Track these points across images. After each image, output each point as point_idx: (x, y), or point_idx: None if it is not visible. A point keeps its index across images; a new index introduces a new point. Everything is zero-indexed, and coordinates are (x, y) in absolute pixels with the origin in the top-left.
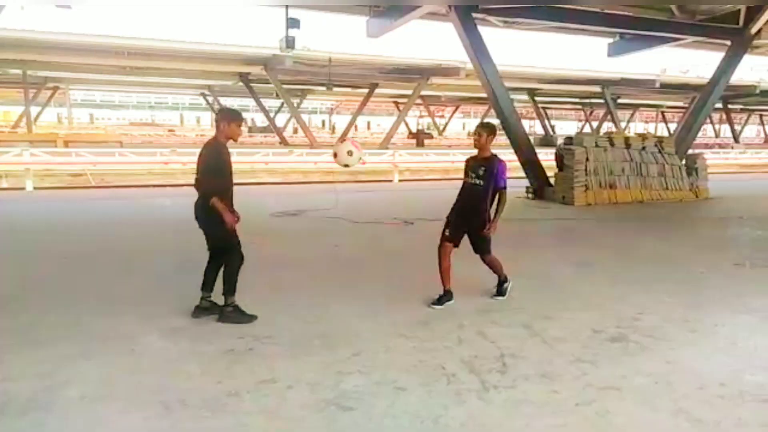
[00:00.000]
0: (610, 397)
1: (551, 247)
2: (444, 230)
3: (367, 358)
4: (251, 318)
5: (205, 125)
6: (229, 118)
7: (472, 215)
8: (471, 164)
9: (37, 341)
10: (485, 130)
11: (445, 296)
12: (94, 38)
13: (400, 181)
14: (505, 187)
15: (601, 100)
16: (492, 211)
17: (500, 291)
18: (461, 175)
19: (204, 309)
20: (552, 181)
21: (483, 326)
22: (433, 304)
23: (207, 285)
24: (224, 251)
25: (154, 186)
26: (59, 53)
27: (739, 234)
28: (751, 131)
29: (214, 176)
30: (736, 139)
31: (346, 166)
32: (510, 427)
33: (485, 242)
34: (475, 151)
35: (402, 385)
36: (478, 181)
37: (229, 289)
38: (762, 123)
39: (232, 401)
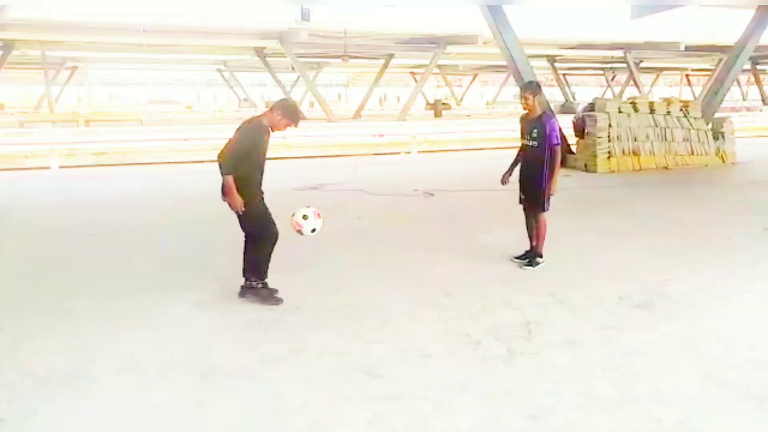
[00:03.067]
0: (637, 362)
1: (574, 216)
2: (519, 194)
3: (393, 327)
4: (276, 301)
5: (222, 102)
6: (286, 115)
7: (531, 175)
8: (525, 125)
9: (67, 317)
10: (529, 92)
11: (529, 252)
12: (109, 17)
13: (418, 152)
14: (558, 144)
15: (624, 65)
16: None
17: (531, 262)
18: (481, 145)
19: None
20: (573, 148)
21: (507, 295)
22: (516, 258)
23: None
24: (252, 235)
25: (175, 163)
26: (76, 33)
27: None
28: None
29: (235, 154)
30: (764, 101)
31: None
32: (536, 393)
33: (540, 200)
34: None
35: (428, 353)
36: (532, 143)
37: (249, 269)
38: None
39: (264, 369)
